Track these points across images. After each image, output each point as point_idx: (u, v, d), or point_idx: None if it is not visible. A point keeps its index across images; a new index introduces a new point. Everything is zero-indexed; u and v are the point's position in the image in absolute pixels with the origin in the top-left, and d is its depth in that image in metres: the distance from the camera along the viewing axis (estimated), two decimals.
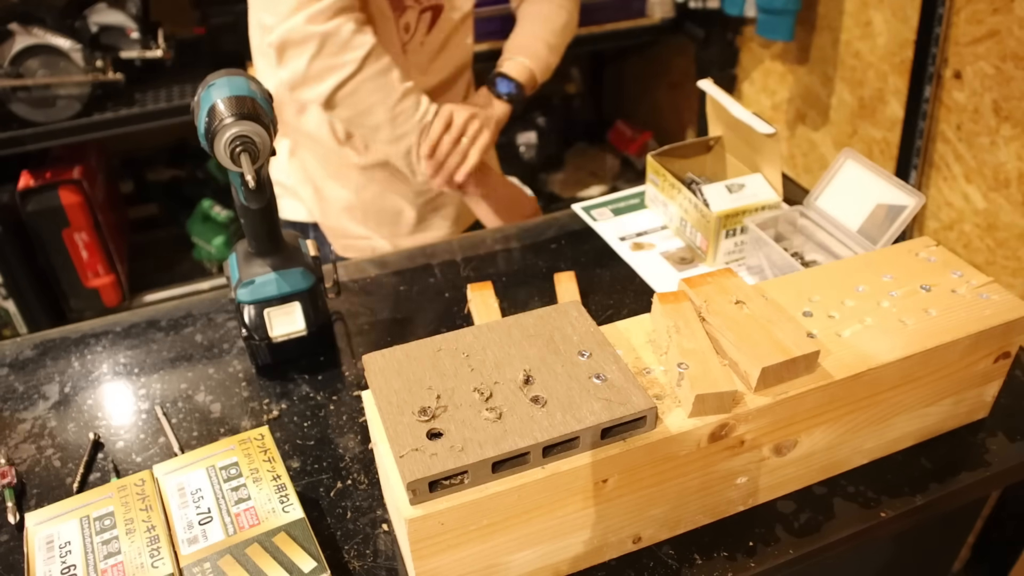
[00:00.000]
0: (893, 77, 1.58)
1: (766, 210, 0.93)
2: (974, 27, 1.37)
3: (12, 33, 1.58)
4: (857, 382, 0.60)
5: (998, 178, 1.40)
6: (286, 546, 0.57)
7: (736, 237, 0.94)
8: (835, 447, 0.65)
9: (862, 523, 0.65)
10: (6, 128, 1.62)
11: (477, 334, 0.61)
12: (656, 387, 0.59)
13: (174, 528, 0.59)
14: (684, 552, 0.63)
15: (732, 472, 0.61)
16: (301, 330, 0.81)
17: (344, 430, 0.76)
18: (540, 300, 0.91)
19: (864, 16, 1.62)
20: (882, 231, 0.85)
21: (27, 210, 1.74)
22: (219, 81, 0.71)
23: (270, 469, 0.63)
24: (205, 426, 0.77)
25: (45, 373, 0.85)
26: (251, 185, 0.69)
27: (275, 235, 0.79)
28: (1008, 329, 0.65)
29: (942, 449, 0.71)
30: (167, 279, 2.04)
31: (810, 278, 0.68)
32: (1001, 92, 1.35)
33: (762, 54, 1.95)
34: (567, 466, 0.53)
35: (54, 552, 0.58)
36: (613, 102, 2.64)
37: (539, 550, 0.58)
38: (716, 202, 0.92)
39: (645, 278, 0.95)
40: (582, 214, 1.07)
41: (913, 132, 1.53)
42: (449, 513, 0.52)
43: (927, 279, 0.68)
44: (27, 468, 0.73)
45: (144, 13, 1.73)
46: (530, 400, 0.55)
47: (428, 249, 1.02)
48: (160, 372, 0.84)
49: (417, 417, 0.54)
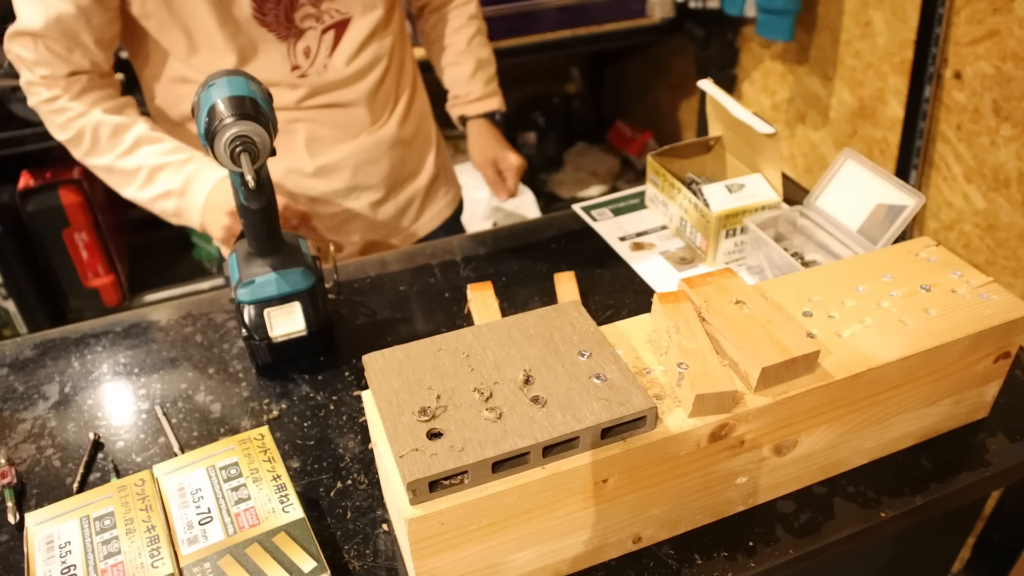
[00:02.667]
0: (893, 77, 1.58)
1: (766, 210, 0.93)
2: (974, 27, 1.37)
3: None
4: (857, 382, 0.60)
5: (998, 178, 1.40)
6: (286, 546, 0.57)
7: (736, 237, 0.94)
8: (835, 447, 0.65)
9: (862, 523, 0.65)
10: (6, 128, 1.62)
11: (477, 334, 0.61)
12: (656, 387, 0.59)
13: (174, 528, 0.59)
14: (684, 552, 0.63)
15: (732, 472, 0.61)
16: (301, 330, 0.81)
17: (344, 430, 0.76)
18: (540, 300, 0.91)
19: (864, 16, 1.62)
20: (882, 231, 0.85)
21: (27, 210, 1.74)
22: (219, 81, 0.71)
23: (270, 469, 0.63)
24: (205, 426, 0.77)
25: (45, 373, 0.85)
26: (251, 185, 0.69)
27: (275, 235, 0.79)
28: (1008, 329, 0.65)
29: (942, 449, 0.71)
30: (167, 279, 2.04)
31: (810, 278, 0.68)
32: (1001, 92, 1.35)
33: (762, 54, 1.95)
34: (567, 466, 0.53)
35: (54, 552, 0.58)
36: (613, 102, 2.64)
37: (539, 550, 0.58)
38: (716, 202, 0.92)
39: (645, 278, 0.95)
40: (582, 214, 1.07)
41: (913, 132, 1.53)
42: (449, 513, 0.52)
43: (927, 279, 0.68)
44: (27, 468, 0.73)
45: None
46: (530, 400, 0.55)
47: (428, 249, 1.02)
48: (160, 372, 0.84)
49: (417, 417, 0.54)
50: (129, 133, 0.98)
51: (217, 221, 0.94)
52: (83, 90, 0.98)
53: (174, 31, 0.97)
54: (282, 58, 1.02)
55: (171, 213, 1.00)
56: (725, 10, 1.85)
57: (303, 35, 1.02)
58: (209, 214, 0.95)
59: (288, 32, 1.01)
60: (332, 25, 1.04)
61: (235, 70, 0.73)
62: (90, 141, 0.98)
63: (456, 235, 1.09)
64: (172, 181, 0.97)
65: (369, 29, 1.06)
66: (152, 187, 0.98)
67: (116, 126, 0.98)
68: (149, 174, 0.98)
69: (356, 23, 1.05)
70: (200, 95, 0.71)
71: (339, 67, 1.06)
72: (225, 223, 0.93)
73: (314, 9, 1.01)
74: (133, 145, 0.98)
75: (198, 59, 1.00)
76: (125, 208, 2.17)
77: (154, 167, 0.97)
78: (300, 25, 1.01)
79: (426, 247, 1.02)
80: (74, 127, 0.98)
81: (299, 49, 1.03)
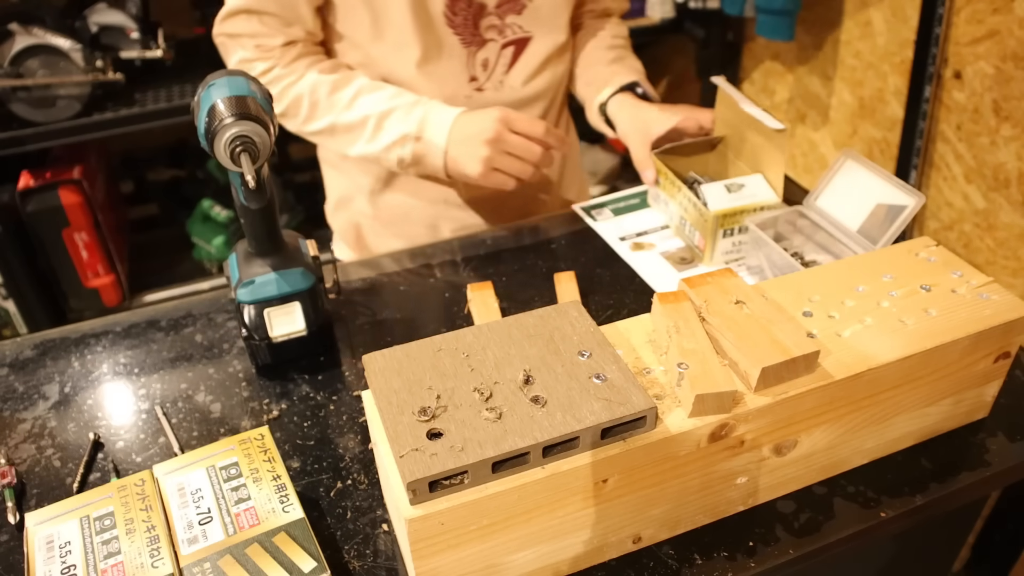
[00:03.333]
0: (893, 77, 1.58)
1: (765, 211, 0.93)
2: (974, 27, 1.38)
3: (12, 33, 1.58)
4: (857, 382, 0.60)
5: (998, 178, 1.40)
6: (286, 546, 0.57)
7: (734, 237, 0.94)
8: (835, 447, 0.65)
9: (862, 523, 0.65)
10: (6, 128, 1.62)
11: (477, 334, 0.61)
12: (656, 387, 0.59)
13: (174, 528, 0.59)
14: (684, 552, 0.63)
15: (732, 472, 0.61)
16: (301, 330, 0.81)
17: (344, 430, 0.76)
18: (540, 300, 0.91)
19: (864, 16, 1.62)
20: (882, 231, 0.85)
21: (27, 210, 1.74)
22: (219, 81, 0.71)
23: (270, 469, 0.63)
24: (205, 426, 0.77)
25: (45, 373, 0.85)
26: (251, 185, 0.69)
27: (275, 235, 0.79)
28: (1008, 329, 0.65)
29: (942, 449, 0.71)
30: (167, 279, 2.04)
31: (810, 278, 0.68)
32: (1001, 92, 1.35)
33: (762, 54, 1.95)
34: (567, 466, 0.53)
35: (54, 552, 0.58)
36: None
37: (539, 550, 0.58)
38: (714, 201, 0.92)
39: (645, 278, 0.95)
40: (582, 214, 1.07)
41: (913, 132, 1.53)
42: (449, 513, 0.52)
43: (927, 279, 0.68)
44: (27, 468, 0.73)
45: (144, 13, 1.73)
46: (530, 400, 0.55)
47: (428, 249, 1.02)
48: (160, 372, 0.84)
49: (417, 417, 0.54)
50: (348, 87, 0.97)
51: (473, 154, 0.91)
52: (297, 56, 0.98)
53: (361, 9, 0.96)
54: (462, 65, 1.01)
55: (408, 162, 0.97)
56: (725, 10, 1.85)
57: (484, 46, 1.01)
58: (459, 148, 0.92)
59: (472, 39, 1.00)
60: (512, 41, 1.03)
61: (235, 70, 0.72)
62: (308, 104, 0.97)
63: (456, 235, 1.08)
64: (404, 125, 0.95)
65: (547, 52, 1.05)
66: (382, 136, 0.96)
67: (334, 82, 0.97)
68: (377, 122, 0.95)
69: (535, 43, 1.04)
70: (200, 95, 0.71)
71: (515, 86, 1.05)
72: (484, 154, 0.90)
73: (498, 21, 1.00)
74: (354, 96, 0.96)
75: (381, 47, 0.98)
76: (125, 208, 2.18)
77: (381, 113, 0.95)
78: (483, 35, 1.00)
79: (426, 247, 1.02)
80: (290, 94, 0.97)
81: (479, 59, 1.02)
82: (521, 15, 1.02)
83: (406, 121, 0.95)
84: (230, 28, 0.97)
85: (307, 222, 2.17)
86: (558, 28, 1.06)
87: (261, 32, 0.96)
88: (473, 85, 1.03)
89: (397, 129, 0.95)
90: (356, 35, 0.99)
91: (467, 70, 1.02)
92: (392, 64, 1.00)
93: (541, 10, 1.03)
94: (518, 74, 1.05)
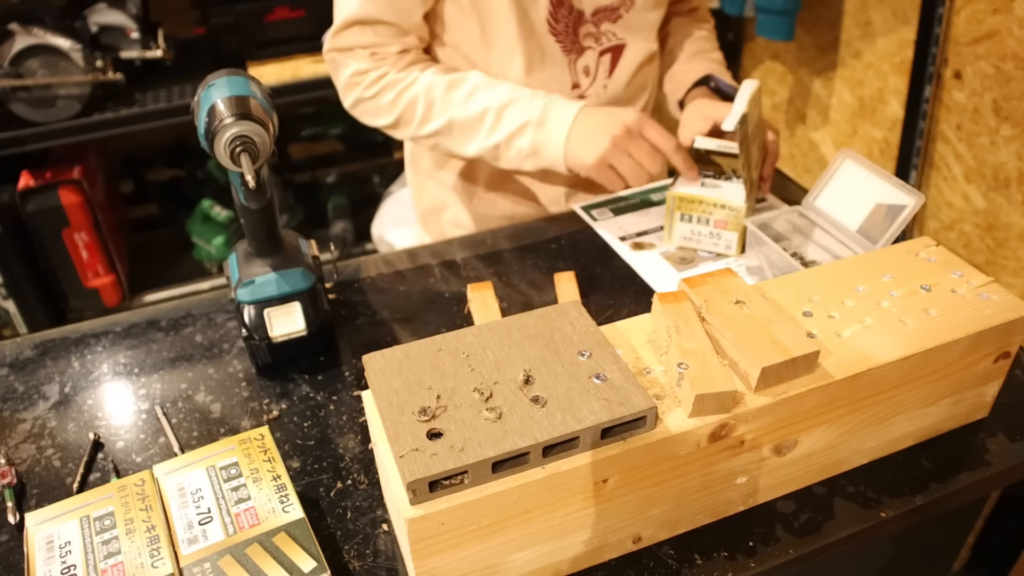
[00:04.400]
0: (893, 77, 1.58)
1: (725, 209, 0.94)
2: (974, 27, 1.38)
3: (12, 33, 1.58)
4: (857, 382, 0.60)
5: (998, 178, 1.40)
6: (286, 546, 0.58)
7: (692, 224, 0.96)
8: (835, 447, 0.65)
9: (862, 523, 0.65)
10: (6, 128, 1.62)
11: (477, 334, 0.61)
12: (656, 387, 0.59)
13: (174, 528, 0.59)
14: (684, 552, 0.63)
15: (732, 472, 0.61)
16: (301, 330, 0.81)
17: (344, 430, 0.76)
18: (540, 300, 0.91)
19: (864, 16, 1.62)
20: (882, 231, 0.85)
21: (27, 210, 1.74)
22: (219, 81, 0.71)
23: (270, 469, 0.63)
24: (205, 426, 0.77)
25: (45, 373, 0.85)
26: (251, 185, 0.69)
27: (275, 235, 0.79)
28: (1008, 329, 0.65)
29: (942, 449, 0.71)
30: (167, 279, 2.04)
31: (810, 278, 0.68)
32: (1001, 92, 1.35)
33: (762, 54, 1.95)
34: (567, 466, 0.53)
35: (54, 552, 0.58)
36: None
37: (539, 550, 0.58)
38: (680, 184, 0.95)
39: (645, 278, 0.95)
40: (582, 214, 1.07)
41: (913, 132, 1.53)
42: (449, 513, 0.52)
43: (927, 279, 0.68)
44: (27, 468, 0.73)
45: (144, 13, 1.73)
46: (530, 400, 0.55)
47: (428, 249, 1.02)
48: (160, 372, 0.84)
49: (417, 417, 0.54)
50: (464, 84, 0.98)
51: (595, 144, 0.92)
52: (411, 62, 0.99)
53: (471, 19, 0.97)
54: (564, 73, 1.03)
55: (527, 152, 0.97)
56: (725, 10, 1.85)
57: (583, 53, 1.03)
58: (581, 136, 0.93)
59: (572, 47, 1.01)
60: (609, 48, 1.05)
61: (235, 70, 0.72)
62: (424, 105, 0.98)
63: (456, 236, 1.08)
64: (527, 113, 0.95)
65: (640, 59, 1.08)
66: (503, 126, 0.96)
67: (450, 81, 0.98)
68: (497, 114, 0.96)
69: (629, 50, 1.06)
70: (200, 95, 0.71)
71: (617, 91, 1.08)
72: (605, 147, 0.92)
73: (594, 29, 1.01)
74: (471, 92, 0.97)
75: (487, 55, 1.00)
76: (125, 208, 2.18)
77: (501, 105, 0.96)
78: (582, 42, 1.02)
79: (426, 247, 1.02)
80: (405, 98, 0.98)
81: (580, 67, 1.04)
82: (616, 23, 1.04)
83: (528, 109, 0.96)
84: (343, 41, 0.98)
85: (307, 222, 2.17)
86: (650, 36, 1.08)
87: (376, 42, 0.97)
88: (576, 92, 1.05)
89: (518, 117, 0.96)
90: (464, 44, 1.01)
91: (569, 77, 1.04)
92: (497, 72, 1.02)
93: (635, 18, 1.05)
94: (618, 80, 1.08)
